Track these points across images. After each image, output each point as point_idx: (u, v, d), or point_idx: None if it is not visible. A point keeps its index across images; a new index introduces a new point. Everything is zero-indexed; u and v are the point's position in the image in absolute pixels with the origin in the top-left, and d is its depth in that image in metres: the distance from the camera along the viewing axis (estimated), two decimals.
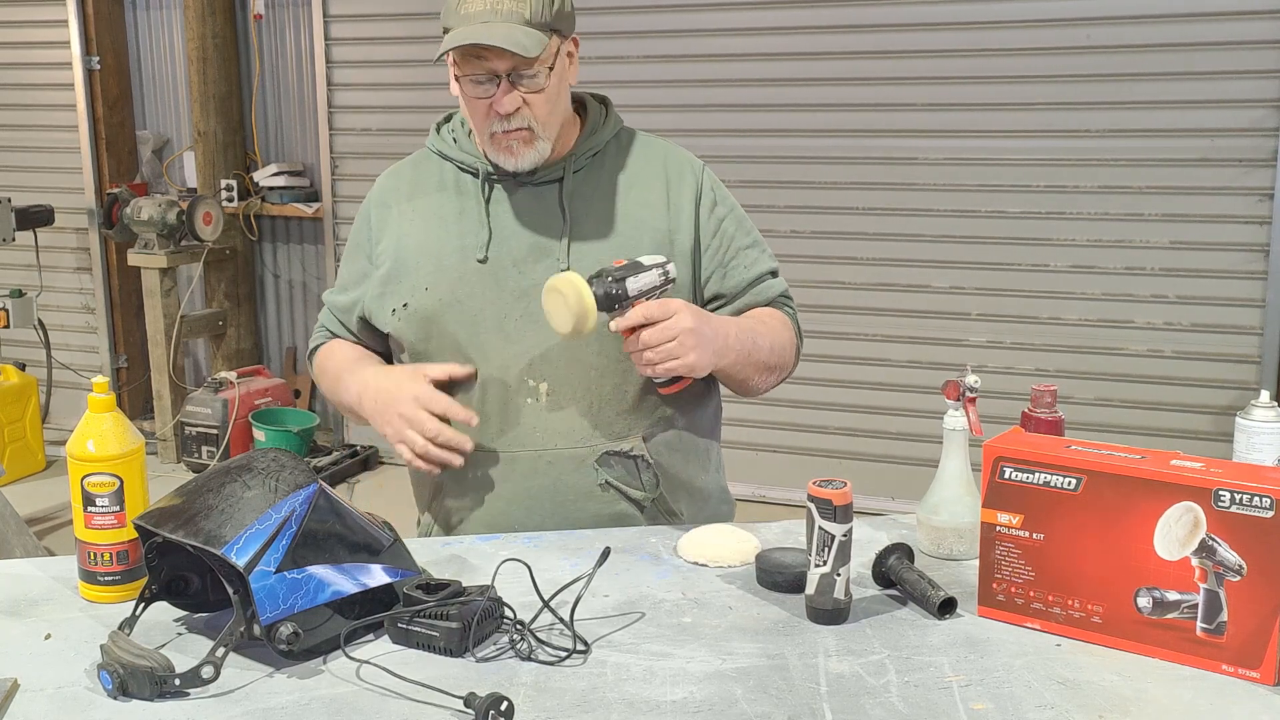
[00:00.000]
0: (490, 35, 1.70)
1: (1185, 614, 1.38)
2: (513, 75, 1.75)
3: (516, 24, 1.72)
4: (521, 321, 1.84)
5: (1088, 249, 4.20)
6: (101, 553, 1.56)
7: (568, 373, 1.84)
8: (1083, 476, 1.43)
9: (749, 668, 1.39)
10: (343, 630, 1.42)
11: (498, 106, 1.76)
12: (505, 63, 1.74)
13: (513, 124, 1.78)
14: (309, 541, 1.42)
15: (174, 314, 5.12)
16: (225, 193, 5.24)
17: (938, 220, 4.36)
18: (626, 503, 1.88)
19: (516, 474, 1.86)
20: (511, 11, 1.72)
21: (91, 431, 1.55)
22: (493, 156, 1.84)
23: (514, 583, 1.53)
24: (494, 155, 1.83)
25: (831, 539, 1.47)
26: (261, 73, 5.33)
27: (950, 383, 1.68)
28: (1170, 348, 4.18)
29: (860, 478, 3.16)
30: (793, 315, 1.98)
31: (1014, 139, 4.23)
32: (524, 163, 1.82)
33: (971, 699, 1.31)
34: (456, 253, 1.87)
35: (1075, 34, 4.09)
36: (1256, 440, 1.71)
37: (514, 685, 1.34)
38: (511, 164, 1.82)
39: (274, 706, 1.30)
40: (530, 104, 1.77)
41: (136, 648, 1.34)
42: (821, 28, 4.39)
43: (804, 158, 4.48)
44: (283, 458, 1.50)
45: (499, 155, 1.82)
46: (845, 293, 4.52)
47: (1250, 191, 4.00)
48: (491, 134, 1.80)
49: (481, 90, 1.77)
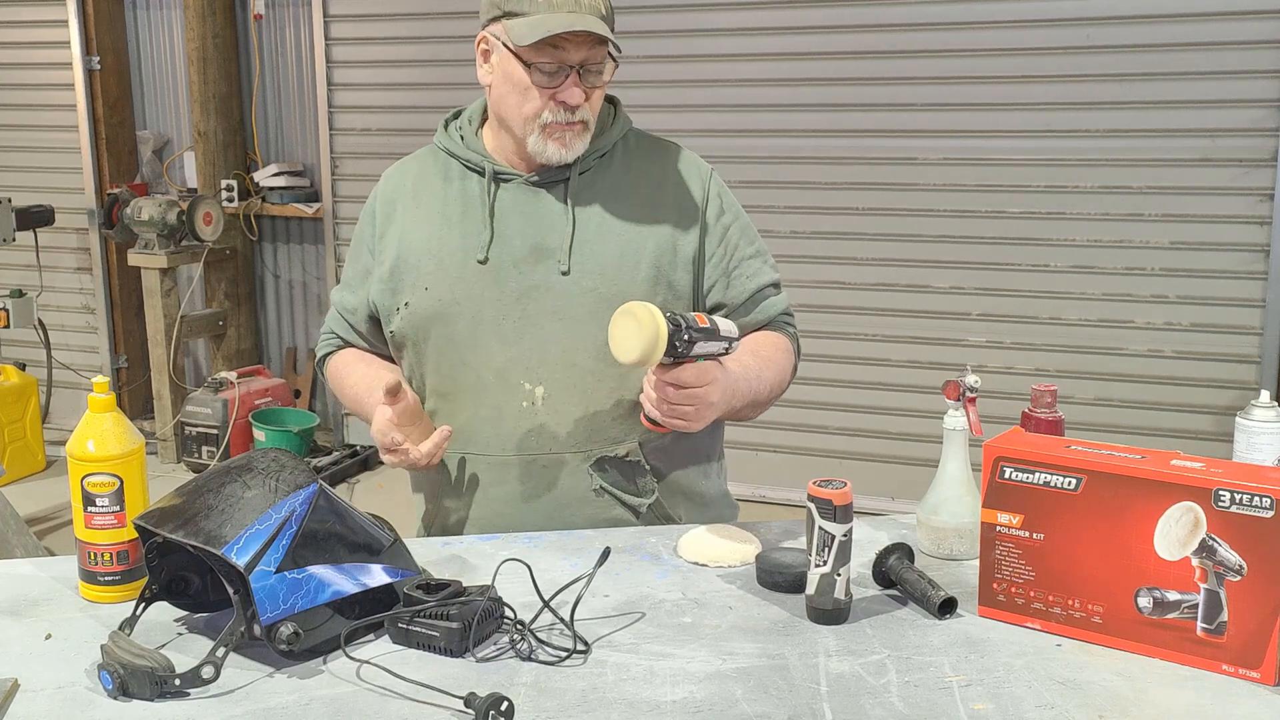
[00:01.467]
0: (590, 24, 1.72)
1: (1185, 614, 1.38)
2: (582, 67, 1.76)
3: (597, 17, 1.74)
4: (520, 323, 1.84)
5: (1088, 249, 4.20)
6: (101, 553, 1.56)
7: (564, 377, 1.83)
8: (1083, 476, 1.43)
9: (749, 668, 1.39)
10: (343, 630, 1.42)
11: (566, 97, 1.76)
12: (581, 55, 1.75)
13: (576, 115, 1.79)
14: (309, 541, 1.42)
15: (174, 314, 5.12)
16: (225, 193, 5.24)
17: (938, 220, 4.36)
18: (622, 508, 1.87)
19: (511, 477, 1.85)
20: (592, 6, 1.75)
21: (91, 431, 1.55)
22: (537, 147, 1.81)
23: (514, 583, 1.53)
24: (539, 146, 1.81)
25: (831, 539, 1.47)
26: (261, 73, 5.33)
27: (950, 383, 1.68)
28: (1170, 348, 4.18)
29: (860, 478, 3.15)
30: (793, 336, 1.98)
31: (1014, 139, 4.23)
32: (571, 154, 1.82)
33: (972, 699, 1.31)
34: (458, 253, 1.86)
35: (1075, 34, 4.09)
36: (1256, 440, 1.71)
37: (514, 685, 1.34)
38: (560, 155, 1.81)
39: (274, 706, 1.30)
40: (590, 97, 1.79)
41: (136, 648, 1.34)
42: (821, 28, 4.39)
43: (804, 158, 4.48)
44: (283, 458, 1.50)
45: (547, 145, 1.81)
46: (845, 293, 4.52)
47: (1250, 191, 4.00)
48: (544, 124, 1.79)
49: (552, 80, 1.77)
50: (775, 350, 1.91)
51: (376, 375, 1.91)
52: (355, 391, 1.95)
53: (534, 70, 1.76)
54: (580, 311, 1.83)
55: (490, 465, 1.86)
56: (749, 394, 1.79)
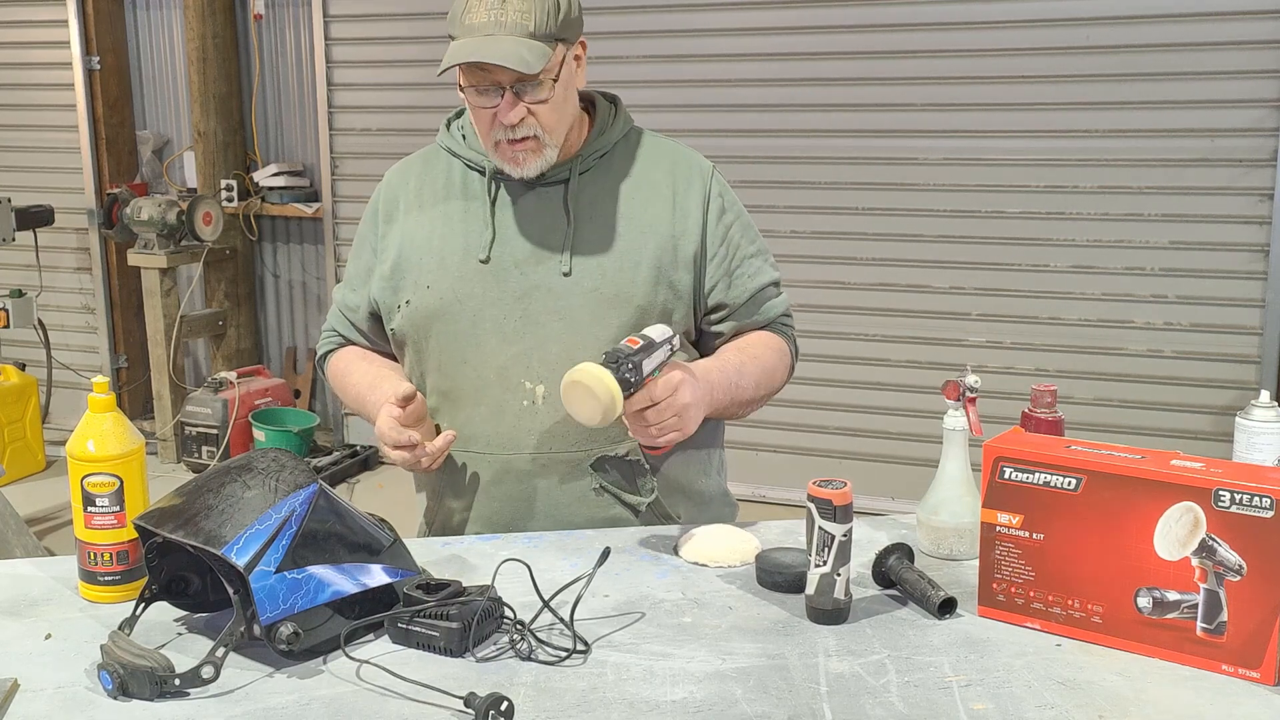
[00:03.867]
0: (491, 52, 1.69)
1: (1185, 614, 1.38)
2: (516, 87, 1.74)
3: (521, 36, 1.70)
4: (521, 323, 1.84)
5: (1088, 249, 4.20)
6: (101, 553, 1.56)
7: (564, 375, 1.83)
8: (1083, 476, 1.43)
9: (749, 668, 1.39)
10: (343, 630, 1.42)
11: (502, 118, 1.75)
12: (509, 75, 1.73)
13: (518, 133, 1.77)
14: (309, 541, 1.42)
15: (174, 314, 5.12)
16: (225, 193, 5.24)
17: (937, 220, 4.36)
18: (621, 507, 1.87)
19: (510, 476, 1.86)
20: (515, 24, 1.70)
21: (91, 431, 1.55)
22: (499, 164, 1.83)
23: (514, 583, 1.53)
24: (500, 163, 1.82)
25: (831, 539, 1.47)
26: (261, 73, 5.33)
27: (950, 383, 1.68)
28: (1170, 348, 4.18)
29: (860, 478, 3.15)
30: (790, 337, 1.98)
31: (1014, 139, 4.23)
32: (529, 171, 1.81)
33: (971, 699, 1.31)
34: (460, 252, 1.87)
35: (1075, 34, 4.09)
36: (1256, 440, 1.70)
37: (514, 685, 1.34)
38: (517, 173, 1.81)
39: (274, 706, 1.30)
40: (536, 113, 1.76)
41: (136, 648, 1.34)
42: (821, 28, 4.39)
43: (804, 158, 4.48)
44: (283, 458, 1.50)
45: (505, 164, 1.82)
46: (845, 293, 4.52)
47: (1250, 191, 4.00)
48: (496, 142, 1.79)
49: (486, 100, 1.76)
50: (763, 348, 1.92)
51: (379, 373, 1.93)
52: (358, 390, 1.95)
53: (469, 92, 1.77)
54: (582, 312, 1.83)
55: (490, 464, 1.86)
56: (727, 385, 1.81)
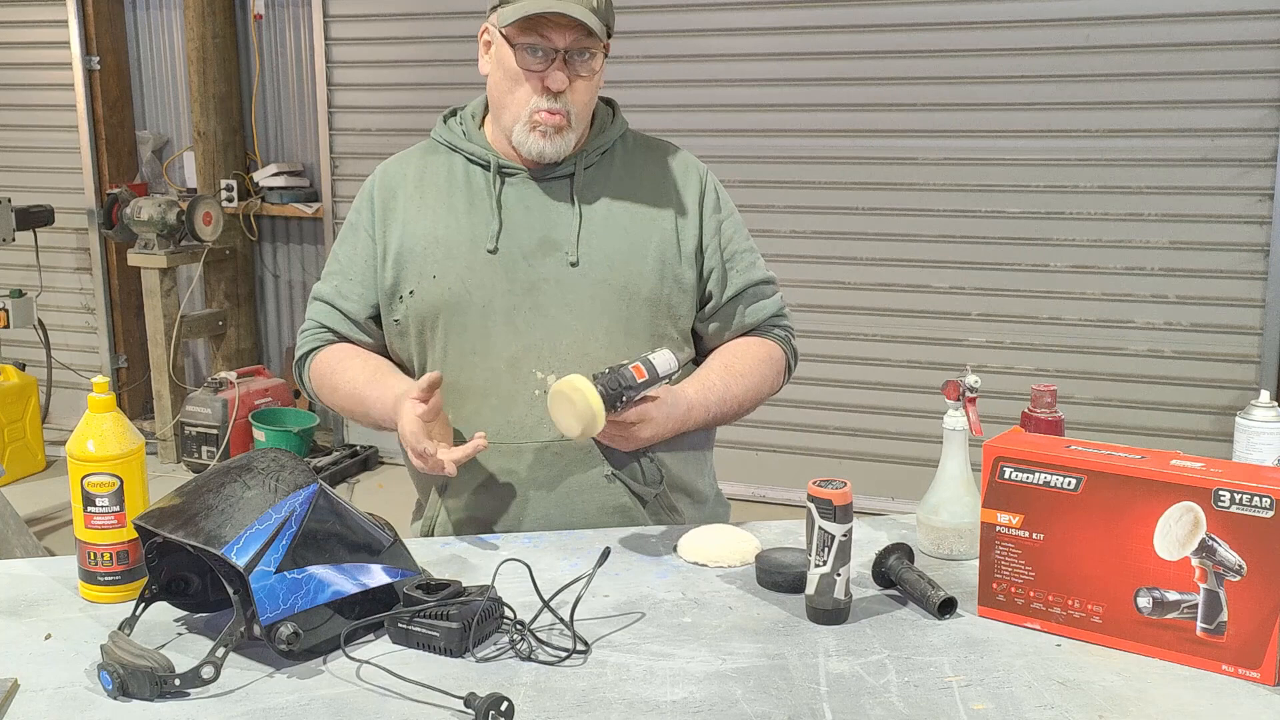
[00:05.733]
0: (570, 5, 1.73)
1: (1185, 614, 1.38)
2: (570, 54, 1.77)
3: (585, 7, 1.75)
4: (530, 314, 1.85)
5: (1088, 249, 4.20)
6: (101, 553, 1.56)
7: (575, 366, 1.83)
8: (1083, 476, 1.43)
9: (749, 668, 1.39)
10: (343, 630, 1.42)
11: (549, 82, 1.77)
12: (568, 38, 1.76)
13: (559, 104, 1.79)
14: (309, 541, 1.42)
15: (174, 314, 5.12)
16: (225, 193, 5.24)
17: (937, 220, 4.36)
18: (631, 496, 1.88)
19: (522, 465, 1.86)
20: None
21: (91, 431, 1.55)
22: (520, 137, 1.83)
23: (514, 583, 1.53)
24: (523, 137, 1.82)
25: (831, 539, 1.47)
26: (261, 73, 5.33)
27: (950, 383, 1.68)
28: (1170, 348, 4.18)
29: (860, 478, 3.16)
30: (784, 340, 1.99)
31: (1014, 139, 4.23)
32: (551, 149, 1.82)
33: (971, 699, 1.31)
34: (466, 242, 1.87)
35: (1075, 34, 4.09)
36: (1256, 440, 1.71)
37: (514, 685, 1.34)
38: (539, 147, 1.82)
39: (274, 706, 1.30)
40: (574, 89, 1.79)
41: (136, 648, 1.34)
42: (820, 28, 4.39)
43: (804, 158, 4.48)
44: (283, 458, 1.50)
45: (529, 137, 1.82)
46: (845, 293, 4.51)
47: (1250, 191, 4.00)
48: (532, 112, 1.80)
49: (537, 61, 1.78)
50: (751, 361, 1.93)
51: (377, 367, 1.91)
52: (353, 386, 1.89)
53: (520, 51, 1.78)
54: (591, 303, 1.85)
55: (501, 453, 1.86)
56: (706, 413, 1.86)
